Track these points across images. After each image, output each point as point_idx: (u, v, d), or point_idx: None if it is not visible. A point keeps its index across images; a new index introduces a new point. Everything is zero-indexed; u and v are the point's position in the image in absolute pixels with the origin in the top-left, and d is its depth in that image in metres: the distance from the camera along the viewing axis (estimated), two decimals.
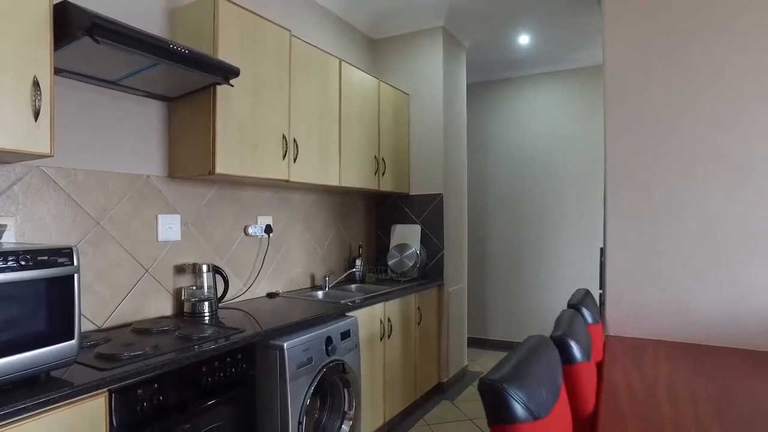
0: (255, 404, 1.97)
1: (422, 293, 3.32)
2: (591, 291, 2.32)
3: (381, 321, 2.82)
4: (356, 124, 3.08)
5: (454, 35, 3.82)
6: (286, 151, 2.46)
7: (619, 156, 2.26)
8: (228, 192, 2.56)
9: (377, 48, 3.86)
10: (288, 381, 1.95)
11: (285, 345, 1.95)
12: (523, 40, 4.15)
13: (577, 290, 2.27)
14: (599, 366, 1.83)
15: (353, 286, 3.30)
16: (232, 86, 2.05)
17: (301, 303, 2.58)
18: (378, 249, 3.83)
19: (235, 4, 2.15)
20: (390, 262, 3.51)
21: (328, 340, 2.19)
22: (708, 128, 2.09)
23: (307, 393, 2.04)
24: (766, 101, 1.99)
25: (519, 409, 0.97)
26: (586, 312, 1.88)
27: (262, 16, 2.31)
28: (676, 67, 2.14)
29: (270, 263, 2.83)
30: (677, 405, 1.39)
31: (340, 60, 2.91)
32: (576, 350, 1.40)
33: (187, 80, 1.93)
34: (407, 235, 3.61)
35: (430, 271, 3.62)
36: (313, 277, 3.19)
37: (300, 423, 1.99)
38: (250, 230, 2.68)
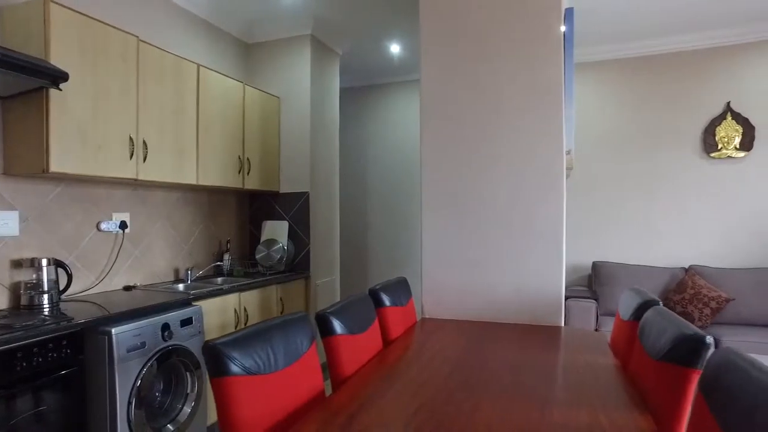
0: (85, 387, 2.12)
1: (286, 285, 3.56)
2: None
3: (236, 310, 3.03)
4: (217, 126, 3.25)
5: (324, 43, 4.08)
6: (133, 151, 2.60)
7: (431, 158, 2.61)
8: (77, 190, 2.66)
9: (251, 52, 4.04)
10: (116, 364, 2.12)
11: (113, 330, 2.12)
12: (395, 49, 4.48)
13: (395, 277, 2.60)
14: (392, 339, 2.16)
15: (219, 279, 3.47)
16: (61, 90, 2.17)
17: (154, 294, 2.73)
18: (251, 244, 4.03)
19: (70, 9, 2.27)
20: (258, 256, 3.73)
21: (165, 326, 2.38)
22: (497, 135, 2.48)
23: (138, 374, 2.22)
24: (531, 112, 2.40)
25: (232, 365, 1.23)
26: (384, 296, 2.20)
27: (104, 22, 2.44)
28: (470, 84, 2.52)
29: (127, 258, 2.95)
30: (430, 365, 1.73)
31: (198, 65, 3.08)
32: (336, 325, 1.69)
33: (10, 82, 2.03)
34: (276, 231, 3.84)
35: (298, 265, 3.87)
36: (177, 271, 3.34)
37: (130, 403, 2.17)
38: (103, 226, 2.79)
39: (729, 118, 4.08)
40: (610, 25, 3.93)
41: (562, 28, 2.43)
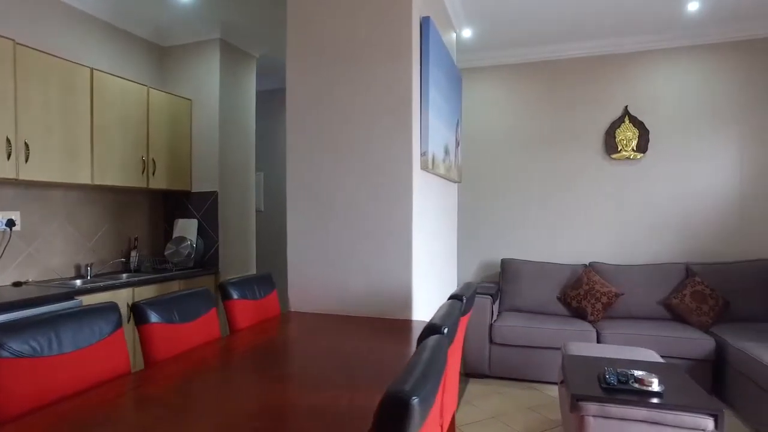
0: None
1: (191, 280, 3.68)
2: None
3: (128, 304, 3.14)
4: (116, 128, 3.36)
5: (237, 46, 4.20)
6: (11, 152, 2.71)
7: (295, 159, 2.74)
8: None
9: (166, 55, 4.15)
10: None
11: None
12: None
13: (260, 272, 2.73)
14: (239, 330, 2.29)
15: (124, 275, 3.58)
16: None
17: (43, 289, 2.83)
18: (166, 241, 4.13)
19: None
20: (166, 253, 3.84)
21: None
22: (353, 139, 2.62)
23: None
24: (384, 118, 2.55)
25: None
26: (232, 289, 2.33)
27: None
28: (330, 91, 2.66)
29: (17, 254, 3.05)
30: (244, 351, 1.87)
31: (92, 69, 3.18)
32: (152, 314, 1.83)
33: None
34: (186, 229, 3.96)
35: (207, 262, 3.99)
36: (78, 267, 3.44)
37: None
38: None
39: (627, 121, 4.28)
40: (513, 31, 4.10)
41: (415, 36, 2.58)
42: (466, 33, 4.09)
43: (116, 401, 1.39)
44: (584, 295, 3.97)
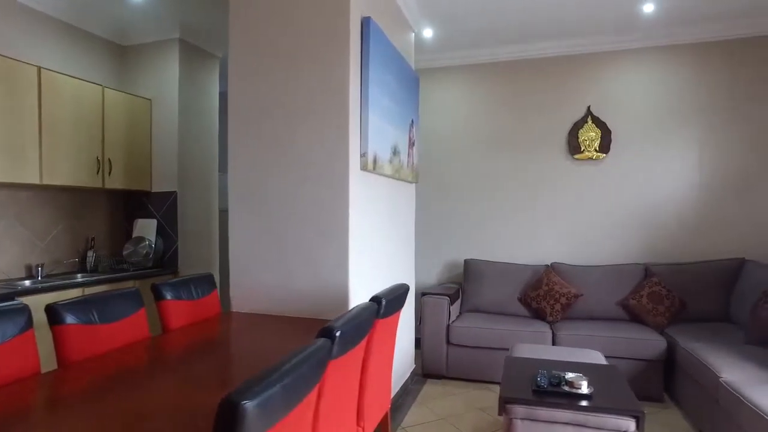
0: None
1: (148, 280, 3.66)
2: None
3: None
4: (68, 127, 3.34)
5: (198, 46, 4.18)
6: None
7: (237, 159, 2.73)
8: None
9: (125, 54, 4.13)
10: None
11: None
12: None
13: (200, 273, 2.72)
14: (171, 330, 2.28)
15: (79, 275, 3.56)
16: None
17: None
18: (126, 241, 4.11)
19: None
20: (125, 253, 3.83)
21: None
22: (294, 139, 2.61)
23: None
24: (322, 118, 2.54)
25: None
26: (165, 290, 2.33)
27: None
28: (271, 91, 2.65)
29: None
30: (155, 350, 1.86)
31: (39, 68, 3.16)
32: (67, 315, 1.82)
33: None
34: (146, 229, 3.94)
35: (167, 261, 3.98)
36: (30, 268, 3.42)
37: None
38: None
39: (590, 121, 4.28)
40: (474, 31, 4.09)
41: (355, 37, 2.57)
42: (427, 33, 4.08)
43: (16, 403, 1.38)
44: (544, 295, 3.97)
